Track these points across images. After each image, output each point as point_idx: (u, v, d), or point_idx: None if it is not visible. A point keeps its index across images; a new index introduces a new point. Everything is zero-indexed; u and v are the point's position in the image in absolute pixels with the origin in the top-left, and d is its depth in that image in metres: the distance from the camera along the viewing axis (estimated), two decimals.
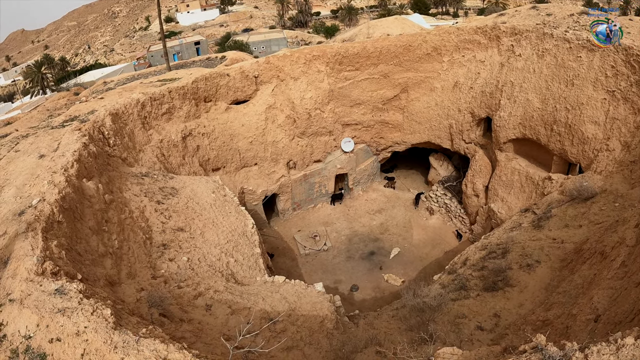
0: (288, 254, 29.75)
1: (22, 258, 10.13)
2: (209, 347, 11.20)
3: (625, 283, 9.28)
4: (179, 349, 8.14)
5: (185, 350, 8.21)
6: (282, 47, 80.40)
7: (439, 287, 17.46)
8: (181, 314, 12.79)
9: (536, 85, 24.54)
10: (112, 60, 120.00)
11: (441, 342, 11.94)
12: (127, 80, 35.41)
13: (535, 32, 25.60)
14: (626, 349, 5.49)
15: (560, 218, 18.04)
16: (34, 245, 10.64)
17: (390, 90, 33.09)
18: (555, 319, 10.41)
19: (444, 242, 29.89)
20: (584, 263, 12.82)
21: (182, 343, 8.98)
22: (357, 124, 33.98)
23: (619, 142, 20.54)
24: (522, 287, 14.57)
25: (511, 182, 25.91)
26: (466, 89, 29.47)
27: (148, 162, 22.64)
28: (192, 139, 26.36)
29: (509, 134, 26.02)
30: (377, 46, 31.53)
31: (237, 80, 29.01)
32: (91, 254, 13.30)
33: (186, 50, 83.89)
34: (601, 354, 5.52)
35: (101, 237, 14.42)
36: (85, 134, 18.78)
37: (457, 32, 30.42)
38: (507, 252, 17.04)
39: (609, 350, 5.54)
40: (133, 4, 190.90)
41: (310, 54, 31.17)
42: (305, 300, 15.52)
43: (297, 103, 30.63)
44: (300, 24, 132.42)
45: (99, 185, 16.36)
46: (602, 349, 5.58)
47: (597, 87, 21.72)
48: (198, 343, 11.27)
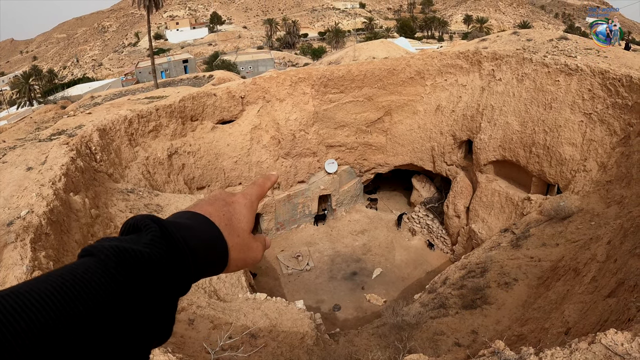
0: (271, 274, 29.74)
1: (12, 267, 10.22)
2: (190, 358, 11.28)
3: (595, 297, 9.59)
4: (163, 352, 8.26)
5: (170, 354, 8.34)
6: (269, 67, 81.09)
7: (419, 305, 17.66)
8: None
9: (515, 108, 25.15)
10: (100, 74, 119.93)
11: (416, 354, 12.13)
12: (114, 95, 35.57)
13: (515, 57, 26.29)
14: (579, 353, 5.76)
15: (538, 237, 18.42)
16: (23, 255, 10.74)
17: (374, 112, 33.57)
18: (529, 333, 10.66)
19: (425, 262, 30.12)
20: (558, 280, 13.14)
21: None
22: (340, 145, 34.34)
23: (595, 163, 21.11)
24: (500, 305, 14.83)
25: (491, 203, 26.34)
26: (448, 112, 30.03)
27: (134, 178, 22.73)
28: (178, 157, 26.51)
29: (489, 156, 26.53)
30: (361, 69, 32.06)
31: (223, 100, 29.29)
32: None
33: (174, 68, 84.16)
34: (555, 356, 5.77)
35: None
36: (73, 148, 18.90)
37: (440, 56, 31.08)
38: (486, 271, 17.32)
39: (562, 353, 5.79)
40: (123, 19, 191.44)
41: (296, 76, 31.59)
42: (286, 317, 15.64)
43: (282, 124, 30.94)
44: (288, 45, 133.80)
45: (85, 199, 16.45)
46: (556, 352, 5.84)
47: (574, 110, 22.35)
48: (180, 354, 11.35)
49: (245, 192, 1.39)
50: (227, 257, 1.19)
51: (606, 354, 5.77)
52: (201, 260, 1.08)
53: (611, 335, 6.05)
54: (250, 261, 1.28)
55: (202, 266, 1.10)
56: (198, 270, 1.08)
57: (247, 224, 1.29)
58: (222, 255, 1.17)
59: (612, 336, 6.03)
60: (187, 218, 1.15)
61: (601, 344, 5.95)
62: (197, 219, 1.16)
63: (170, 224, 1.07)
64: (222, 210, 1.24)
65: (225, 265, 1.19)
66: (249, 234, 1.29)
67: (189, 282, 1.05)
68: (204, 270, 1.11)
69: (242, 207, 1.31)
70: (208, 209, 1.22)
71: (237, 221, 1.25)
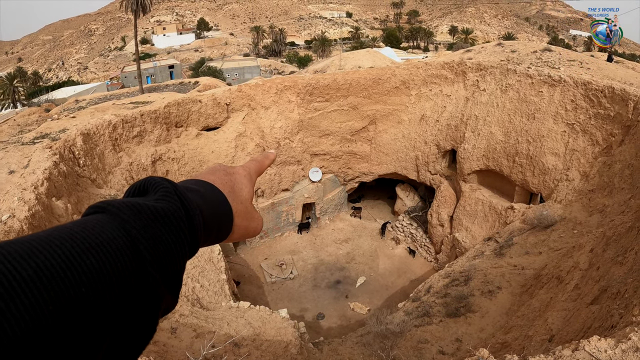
0: (254, 282, 29.57)
1: None
2: None
3: (578, 304, 9.64)
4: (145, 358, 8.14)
5: None
6: (255, 75, 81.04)
7: (403, 314, 17.64)
8: None
9: (499, 118, 25.37)
10: (85, 78, 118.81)
11: None
12: (99, 100, 35.21)
13: (500, 68, 26.56)
14: None
15: (521, 246, 18.54)
16: None
17: (359, 121, 33.65)
18: (513, 340, 10.68)
19: (409, 271, 30.15)
20: (542, 287, 13.21)
21: None
22: (325, 154, 34.36)
23: (578, 172, 21.35)
24: (484, 313, 14.86)
25: (475, 212, 26.48)
26: (432, 122, 30.21)
27: (117, 184, 22.49)
28: (162, 163, 26.30)
29: (473, 165, 26.70)
30: (347, 78, 32.17)
31: (209, 106, 29.17)
32: None
33: (160, 73, 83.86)
34: None
35: None
36: (56, 152, 18.65)
37: (425, 66, 31.30)
38: (470, 280, 17.37)
39: None
40: (110, 22, 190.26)
41: (282, 84, 31.59)
42: (270, 326, 15.52)
43: (267, 132, 30.89)
44: (274, 53, 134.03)
45: (67, 205, 16.24)
46: None
47: (557, 120, 22.61)
48: None
49: (244, 165, 1.44)
50: (232, 222, 1.21)
51: None
52: (209, 221, 1.09)
53: (595, 342, 6.07)
54: (251, 230, 1.31)
55: (210, 228, 1.10)
56: (207, 231, 1.08)
57: (248, 194, 1.33)
58: (227, 219, 1.20)
59: (595, 343, 6.05)
60: (192, 184, 1.16)
61: (585, 350, 5.96)
62: (202, 185, 1.18)
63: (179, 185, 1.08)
64: (224, 178, 1.28)
65: (229, 231, 1.22)
66: (250, 203, 1.33)
67: (198, 242, 1.04)
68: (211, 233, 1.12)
69: (243, 177, 1.36)
70: (211, 177, 1.25)
71: (239, 190, 1.30)
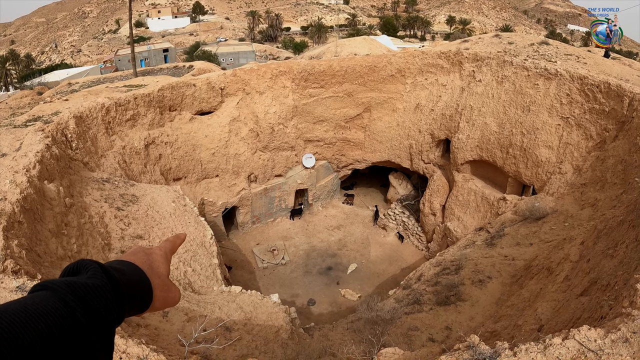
0: (246, 267, 29.65)
1: None
2: (164, 350, 11.18)
3: (568, 295, 9.75)
4: (137, 343, 8.16)
5: (144, 345, 8.24)
6: (250, 60, 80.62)
7: (394, 301, 17.77)
8: (138, 320, 12.69)
9: (494, 109, 25.40)
10: (79, 61, 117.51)
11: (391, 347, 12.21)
12: (92, 83, 34.89)
13: (496, 59, 26.53)
14: (553, 348, 5.84)
15: (512, 237, 18.67)
16: None
17: (353, 109, 33.60)
18: (503, 329, 10.80)
19: (400, 259, 30.33)
20: (532, 278, 13.33)
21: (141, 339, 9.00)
22: (319, 140, 34.33)
23: (571, 166, 21.47)
24: (474, 302, 14.99)
25: (467, 202, 26.61)
26: (427, 111, 30.21)
27: (109, 167, 22.37)
28: (155, 147, 26.17)
29: (466, 155, 26.78)
30: (343, 65, 32.05)
31: (203, 91, 28.99)
32: (50, 257, 13.11)
33: (154, 57, 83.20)
34: (529, 351, 5.86)
35: (60, 240, 14.22)
36: (48, 135, 18.48)
37: (421, 55, 31.23)
38: (461, 269, 17.49)
39: (537, 348, 5.88)
40: (104, 5, 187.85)
41: (277, 69, 31.44)
42: (261, 311, 15.60)
43: (261, 117, 30.79)
44: (270, 38, 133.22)
45: (60, 188, 16.12)
46: (531, 347, 5.92)
47: (552, 114, 22.67)
48: (154, 346, 11.23)
49: (160, 246, 1.64)
50: (152, 293, 1.40)
51: (579, 349, 5.86)
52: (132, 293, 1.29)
53: (584, 331, 6.15)
54: (170, 300, 1.50)
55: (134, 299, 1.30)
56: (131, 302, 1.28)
57: (164, 270, 1.53)
58: (147, 291, 1.39)
59: (585, 332, 6.13)
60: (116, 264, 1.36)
61: (575, 339, 6.04)
62: (125, 264, 1.39)
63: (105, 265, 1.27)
64: (143, 258, 1.49)
65: (150, 301, 1.40)
66: (167, 278, 1.52)
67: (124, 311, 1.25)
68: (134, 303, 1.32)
69: (159, 256, 1.55)
70: (132, 258, 1.46)
71: (156, 267, 1.49)
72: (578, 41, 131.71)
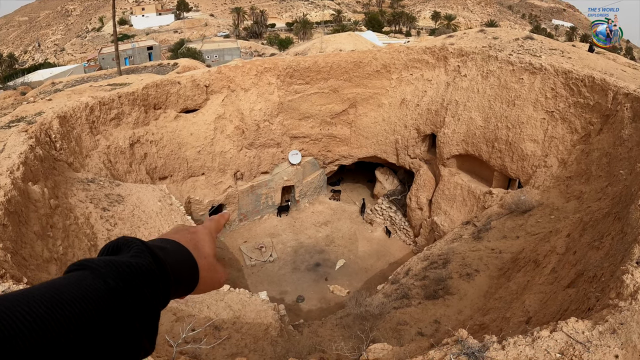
0: (234, 265, 29.52)
1: None
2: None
3: (555, 287, 9.82)
4: None
5: None
6: (235, 57, 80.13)
7: (382, 296, 17.80)
8: None
9: (479, 104, 25.51)
10: (62, 60, 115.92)
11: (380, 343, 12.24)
12: (76, 82, 34.47)
13: (481, 54, 26.62)
14: (541, 340, 5.87)
15: (499, 230, 18.78)
16: None
17: (339, 104, 33.55)
18: (491, 322, 10.85)
19: (388, 253, 30.39)
20: (519, 271, 13.42)
21: None
22: (305, 136, 34.24)
23: (556, 159, 21.63)
24: (462, 295, 15.06)
25: (454, 196, 26.71)
26: (413, 106, 30.26)
27: (94, 167, 22.13)
28: (140, 146, 25.93)
29: (452, 150, 26.87)
30: (328, 61, 31.99)
31: (187, 88, 28.77)
32: (36, 259, 12.95)
33: (138, 55, 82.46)
34: (517, 344, 5.88)
35: (46, 242, 14.05)
36: (32, 136, 18.22)
37: (406, 51, 31.25)
38: (448, 262, 17.56)
39: (525, 341, 5.90)
40: (88, 3, 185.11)
41: (262, 66, 31.29)
42: (250, 309, 15.54)
43: (246, 114, 30.63)
44: (255, 35, 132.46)
45: (44, 189, 15.91)
46: (519, 340, 5.95)
47: (537, 108, 22.81)
48: None
49: (204, 225, 1.56)
50: (198, 275, 1.32)
51: (567, 341, 5.88)
52: (177, 275, 1.20)
53: (572, 323, 6.18)
54: (216, 282, 1.42)
55: (179, 281, 1.21)
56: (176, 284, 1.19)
57: (210, 249, 1.44)
58: (193, 273, 1.30)
59: (573, 324, 6.16)
60: (159, 242, 1.28)
61: (562, 331, 6.07)
62: (169, 242, 1.30)
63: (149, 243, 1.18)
64: (187, 237, 1.40)
65: (196, 283, 1.32)
66: (213, 258, 1.43)
67: (169, 294, 1.14)
68: (180, 285, 1.23)
69: (204, 234, 1.47)
70: (175, 236, 1.37)
71: (202, 246, 1.40)
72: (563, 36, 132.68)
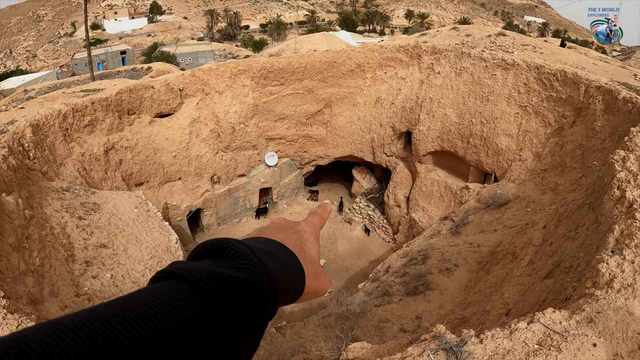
0: None
1: None
2: None
3: (532, 279, 9.93)
4: None
5: None
6: (209, 59, 79.59)
7: (363, 294, 17.82)
8: None
9: (454, 101, 25.72)
10: (34, 66, 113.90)
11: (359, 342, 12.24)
12: (49, 89, 33.89)
13: (454, 51, 26.85)
14: (519, 332, 5.93)
15: (476, 224, 18.94)
16: None
17: (314, 105, 33.55)
18: (472, 316, 10.93)
19: (368, 252, 30.47)
20: (497, 264, 13.55)
21: None
22: (281, 138, 34.16)
23: (530, 153, 21.92)
24: (442, 290, 15.15)
25: (431, 192, 26.89)
26: (387, 105, 30.39)
27: (69, 176, 21.75)
28: (115, 152, 25.57)
29: (428, 147, 27.05)
30: (302, 62, 31.96)
31: (162, 92, 28.49)
32: (12, 272, 12.68)
33: (112, 60, 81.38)
34: (495, 337, 5.92)
35: (22, 254, 13.77)
36: (4, 145, 17.83)
37: (380, 49, 31.38)
38: (427, 258, 17.65)
39: (502, 334, 5.95)
40: (59, 7, 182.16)
41: (236, 68, 31.14)
42: None
43: (221, 117, 30.44)
44: (229, 37, 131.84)
45: (18, 200, 15.59)
46: (497, 333, 5.99)
47: (510, 103, 23.09)
48: None
49: (308, 220, 1.37)
50: (304, 285, 1.13)
51: (545, 332, 5.94)
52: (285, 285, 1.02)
53: (549, 314, 6.24)
54: (320, 290, 1.23)
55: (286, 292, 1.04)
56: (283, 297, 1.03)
57: (316, 253, 1.26)
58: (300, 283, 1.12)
59: (550, 315, 6.23)
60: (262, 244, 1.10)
61: (540, 323, 6.13)
62: (274, 245, 1.11)
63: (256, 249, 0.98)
64: (292, 237, 1.21)
65: (300, 294, 1.14)
66: (318, 263, 1.25)
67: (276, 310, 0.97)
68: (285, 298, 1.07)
69: (310, 235, 1.28)
70: (279, 236, 1.18)
71: (308, 249, 1.22)
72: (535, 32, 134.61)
